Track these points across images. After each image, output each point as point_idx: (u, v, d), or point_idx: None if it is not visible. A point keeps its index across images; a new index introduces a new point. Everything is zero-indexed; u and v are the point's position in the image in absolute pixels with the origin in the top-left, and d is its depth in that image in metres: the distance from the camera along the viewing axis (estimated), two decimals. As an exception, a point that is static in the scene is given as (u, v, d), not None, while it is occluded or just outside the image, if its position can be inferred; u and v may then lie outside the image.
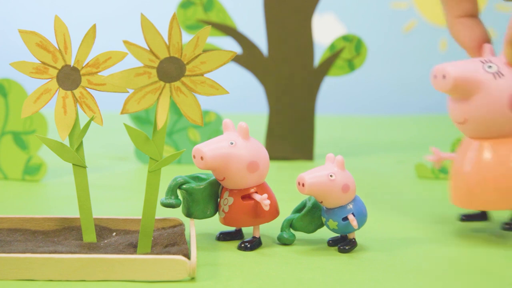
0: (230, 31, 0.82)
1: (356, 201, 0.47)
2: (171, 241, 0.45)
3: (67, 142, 0.45)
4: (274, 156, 0.83)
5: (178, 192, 0.48)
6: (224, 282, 0.41)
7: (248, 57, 0.83)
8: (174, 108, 0.78)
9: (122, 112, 0.41)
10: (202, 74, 0.42)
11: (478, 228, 0.54)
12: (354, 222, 0.46)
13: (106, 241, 0.46)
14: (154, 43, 0.41)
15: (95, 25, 0.44)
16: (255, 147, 0.47)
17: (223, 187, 0.49)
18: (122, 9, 1.55)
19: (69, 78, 0.44)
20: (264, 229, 0.51)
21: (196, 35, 0.41)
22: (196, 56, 0.42)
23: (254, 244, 0.48)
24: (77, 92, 0.45)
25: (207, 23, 0.81)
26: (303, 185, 0.45)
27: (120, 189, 0.67)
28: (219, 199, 0.49)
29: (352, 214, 0.46)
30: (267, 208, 0.46)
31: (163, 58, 0.41)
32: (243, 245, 0.48)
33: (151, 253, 0.44)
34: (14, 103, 0.68)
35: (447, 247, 0.49)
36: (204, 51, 0.42)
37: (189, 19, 0.82)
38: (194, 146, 0.47)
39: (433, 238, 0.51)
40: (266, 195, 0.47)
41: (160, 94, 0.42)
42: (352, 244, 0.48)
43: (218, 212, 0.49)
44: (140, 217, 0.46)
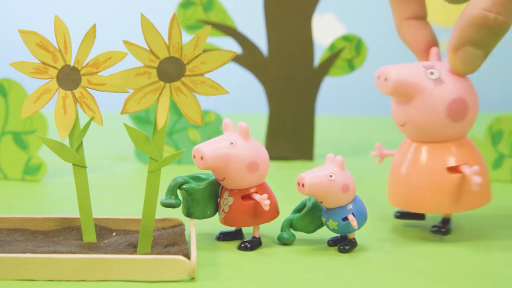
0: (230, 31, 0.82)
1: (356, 201, 0.47)
2: (171, 241, 0.45)
3: (67, 142, 0.45)
4: (274, 156, 0.83)
5: (178, 192, 0.48)
6: (224, 282, 0.41)
7: (248, 57, 0.82)
8: (174, 108, 0.78)
9: (122, 112, 0.41)
10: (202, 74, 0.42)
11: (478, 228, 0.54)
12: (354, 222, 0.46)
13: (106, 241, 0.46)
14: (154, 43, 0.41)
15: (95, 25, 0.44)
16: (255, 147, 0.47)
17: (223, 187, 0.49)
18: (122, 9, 1.55)
19: (69, 78, 0.44)
20: (264, 229, 0.51)
21: (196, 35, 0.41)
22: (196, 56, 0.42)
23: (254, 244, 0.48)
24: (77, 92, 0.45)
25: (207, 23, 0.81)
26: (303, 185, 0.45)
27: (120, 189, 0.67)
28: (219, 199, 0.49)
29: (352, 214, 0.46)
30: (267, 208, 0.46)
31: (163, 58, 0.41)
32: (243, 245, 0.48)
33: (151, 253, 0.44)
34: (14, 103, 0.68)
35: (447, 247, 0.49)
36: (204, 51, 0.42)
37: (189, 19, 0.82)
38: (194, 146, 0.47)
39: (433, 238, 0.51)
40: (266, 195, 0.47)
41: (160, 94, 0.42)
42: (352, 244, 0.48)
43: (218, 212, 0.49)
44: (140, 217, 0.46)
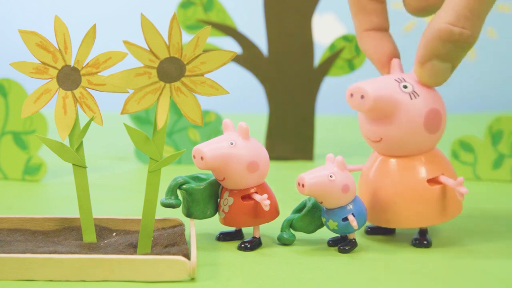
0: (230, 31, 0.82)
1: (356, 201, 0.47)
2: (171, 241, 0.45)
3: (67, 142, 0.45)
4: (274, 156, 0.83)
5: (178, 192, 0.48)
6: (224, 282, 0.41)
7: (248, 57, 0.83)
8: (174, 108, 0.78)
9: (122, 112, 0.41)
10: (202, 74, 0.42)
11: (478, 229, 0.54)
12: (354, 222, 0.46)
13: (106, 241, 0.46)
14: (154, 43, 0.41)
15: (95, 25, 0.44)
16: (255, 147, 0.47)
17: (223, 187, 0.49)
18: (122, 9, 1.55)
19: (69, 78, 0.44)
20: (264, 229, 0.51)
21: (196, 35, 0.41)
22: (196, 56, 0.42)
23: (254, 244, 0.48)
24: (77, 92, 0.45)
25: (207, 23, 0.81)
26: (303, 185, 0.45)
27: (120, 189, 0.67)
28: (219, 199, 0.49)
29: (352, 214, 0.46)
30: (267, 208, 0.46)
31: (163, 58, 0.41)
32: (243, 245, 0.48)
33: (151, 253, 0.44)
34: (14, 103, 0.68)
35: (447, 247, 0.49)
36: (204, 51, 0.42)
37: (189, 19, 0.82)
38: (194, 146, 0.47)
39: (433, 237, 0.51)
40: (266, 195, 0.47)
41: (160, 94, 0.42)
42: (352, 244, 0.48)
43: (218, 212, 0.49)
44: (140, 217, 0.46)
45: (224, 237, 0.50)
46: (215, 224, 0.51)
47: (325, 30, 1.49)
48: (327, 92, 1.00)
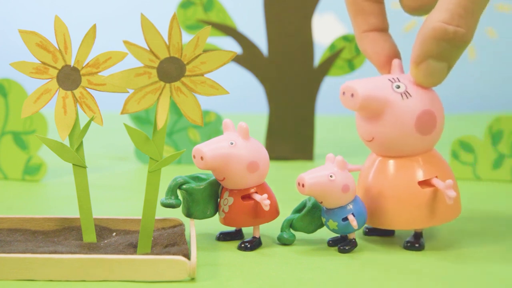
0: (230, 31, 0.82)
1: (356, 201, 0.47)
2: (171, 241, 0.45)
3: (67, 142, 0.45)
4: (274, 156, 0.83)
5: (178, 192, 0.48)
6: (224, 282, 0.41)
7: (248, 57, 0.83)
8: (174, 108, 0.78)
9: (122, 112, 0.41)
10: (202, 74, 0.42)
11: (477, 229, 0.54)
12: (354, 222, 0.46)
13: (106, 241, 0.46)
14: (154, 43, 0.41)
15: (95, 25, 0.44)
16: (255, 147, 0.47)
17: (223, 187, 0.49)
18: (122, 9, 1.55)
19: (69, 78, 0.44)
20: (264, 229, 0.51)
21: (196, 35, 0.41)
22: (196, 56, 0.42)
23: (254, 244, 0.48)
24: (77, 92, 0.45)
25: (207, 23, 0.81)
26: (303, 185, 0.45)
27: (120, 189, 0.67)
28: (219, 199, 0.49)
29: (352, 214, 0.46)
30: (267, 208, 0.46)
31: (163, 58, 0.41)
32: (243, 245, 0.48)
33: (151, 253, 0.44)
34: (14, 103, 0.68)
35: (447, 247, 0.49)
36: (204, 51, 0.42)
37: (189, 19, 0.82)
38: (194, 146, 0.47)
39: (432, 237, 0.51)
40: (266, 195, 0.47)
41: (160, 94, 0.42)
42: (352, 244, 0.48)
43: (218, 212, 0.49)
44: (140, 217, 0.46)
45: (224, 237, 0.50)
46: (215, 224, 0.51)
47: (325, 30, 1.49)
48: (327, 92, 1.00)
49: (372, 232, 0.51)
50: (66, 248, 0.44)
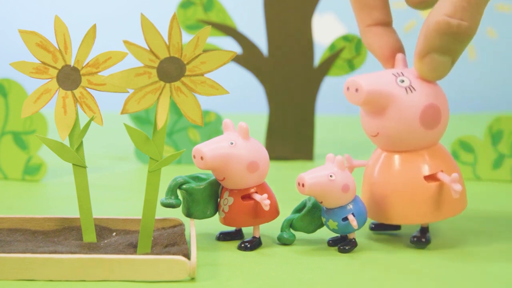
0: (230, 31, 0.82)
1: (356, 201, 0.47)
2: (171, 241, 0.45)
3: (67, 142, 0.45)
4: (274, 156, 0.83)
5: (178, 192, 0.48)
6: (224, 282, 0.41)
7: (248, 57, 0.82)
8: (174, 108, 0.78)
9: (122, 112, 0.41)
10: (202, 74, 0.42)
11: (477, 229, 0.54)
12: (354, 222, 0.46)
13: (106, 241, 0.46)
14: (154, 43, 0.41)
15: (95, 25, 0.44)
16: (255, 147, 0.47)
17: (223, 187, 0.49)
18: (122, 9, 1.55)
19: (69, 78, 0.44)
20: (264, 229, 0.51)
21: (196, 35, 0.41)
22: (196, 56, 0.42)
23: (254, 244, 0.48)
24: (77, 92, 0.45)
25: (207, 23, 0.81)
26: (303, 185, 0.45)
27: (120, 189, 0.67)
28: (219, 199, 0.49)
29: (352, 214, 0.46)
30: (267, 208, 0.46)
31: (163, 58, 0.41)
32: (243, 245, 0.48)
33: (151, 253, 0.44)
34: (14, 103, 0.68)
35: (447, 247, 0.49)
36: (204, 51, 0.42)
37: (189, 19, 0.82)
38: (194, 146, 0.47)
39: (433, 237, 0.51)
40: (266, 195, 0.47)
41: (160, 94, 0.42)
42: (352, 244, 0.48)
43: (218, 212, 0.49)
44: (140, 217, 0.46)
45: (224, 237, 0.50)
46: (215, 224, 0.51)
47: (325, 30, 1.49)
48: (327, 92, 1.00)
49: (378, 228, 0.51)
50: (66, 248, 0.44)
